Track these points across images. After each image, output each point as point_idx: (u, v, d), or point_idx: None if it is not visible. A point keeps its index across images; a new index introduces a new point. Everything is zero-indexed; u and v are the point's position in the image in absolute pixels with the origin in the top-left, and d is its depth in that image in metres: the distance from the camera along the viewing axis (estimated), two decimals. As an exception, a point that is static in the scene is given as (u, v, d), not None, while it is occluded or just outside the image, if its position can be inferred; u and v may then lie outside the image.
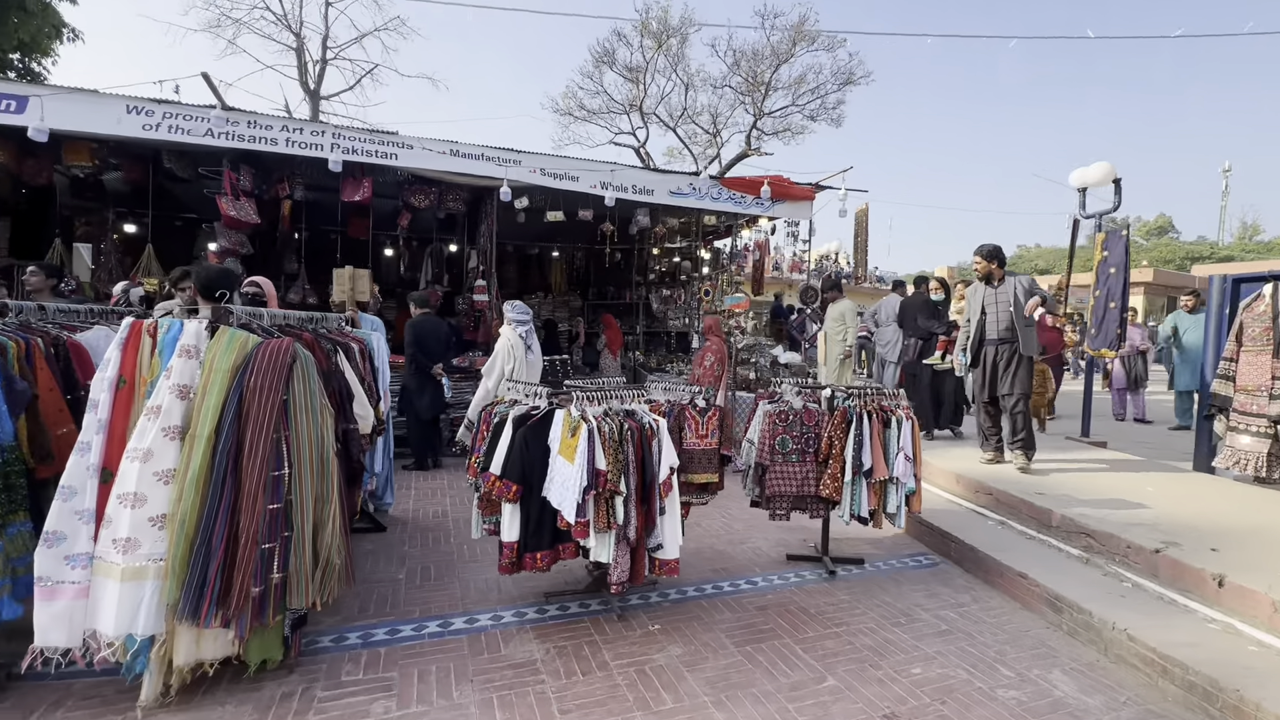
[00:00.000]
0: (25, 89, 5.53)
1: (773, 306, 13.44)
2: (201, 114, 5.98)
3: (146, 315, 3.39)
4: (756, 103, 14.43)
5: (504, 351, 5.39)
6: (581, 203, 7.78)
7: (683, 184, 8.04)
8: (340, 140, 6.47)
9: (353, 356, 3.16)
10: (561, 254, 12.35)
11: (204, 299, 3.07)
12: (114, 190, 8.06)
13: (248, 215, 6.22)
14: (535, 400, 2.98)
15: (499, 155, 7.10)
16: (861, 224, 9.13)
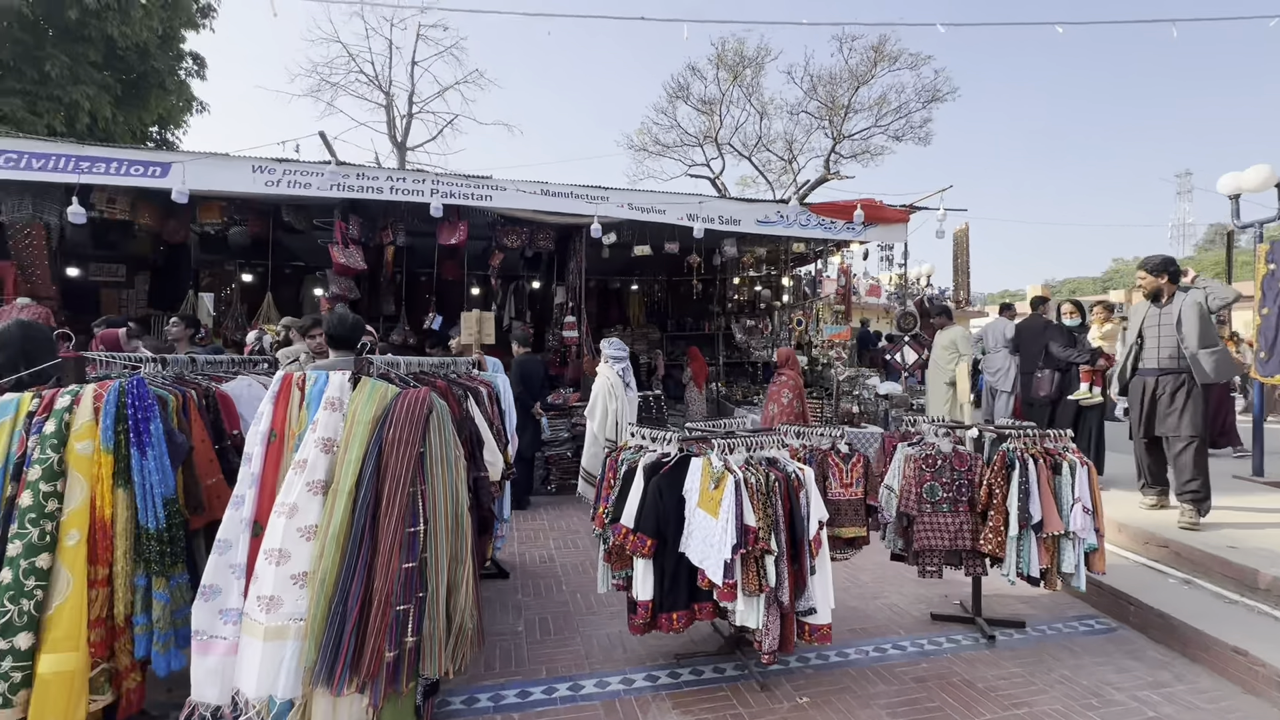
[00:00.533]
0: (168, 156, 6.08)
1: (858, 334, 12.88)
2: (317, 169, 6.38)
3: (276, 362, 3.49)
4: (835, 126, 14.13)
5: (604, 391, 5.32)
6: (668, 235, 7.72)
7: (770, 212, 7.85)
8: (440, 186, 6.72)
9: (481, 401, 3.11)
10: (640, 286, 12.35)
11: (334, 348, 3.12)
12: (236, 244, 8.74)
13: (356, 262, 6.53)
14: (664, 446, 2.81)
15: (588, 193, 7.17)
16: (961, 245, 8.59)
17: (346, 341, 3.09)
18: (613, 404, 5.27)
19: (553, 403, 6.38)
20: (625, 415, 5.26)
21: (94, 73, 9.56)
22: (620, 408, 5.29)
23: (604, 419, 5.27)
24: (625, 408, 5.33)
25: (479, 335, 4.27)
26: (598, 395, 5.27)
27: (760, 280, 12.49)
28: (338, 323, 3.03)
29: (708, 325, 12.44)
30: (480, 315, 4.16)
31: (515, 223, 7.28)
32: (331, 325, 3.05)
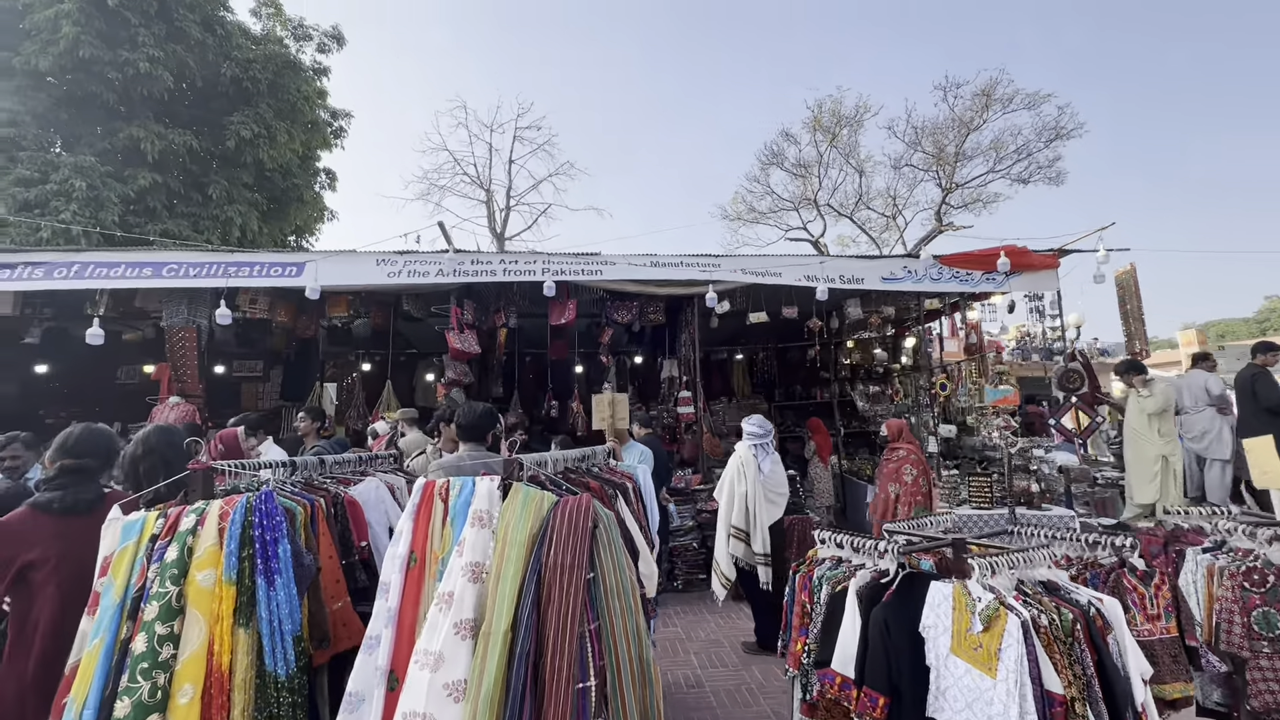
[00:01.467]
0: (301, 256, 6.41)
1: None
2: (434, 258, 6.50)
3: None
4: (945, 175, 13.37)
5: (734, 472, 4.72)
6: (784, 300, 7.22)
7: (896, 268, 7.18)
8: (550, 265, 6.66)
9: (629, 500, 2.64)
10: (745, 355, 11.79)
11: (466, 440, 2.80)
12: (359, 335, 9.17)
13: (470, 346, 6.49)
14: (875, 560, 2.17)
15: (699, 261, 6.87)
16: (1129, 289, 7.43)
17: (478, 432, 2.76)
18: (740, 486, 4.65)
19: (676, 487, 5.82)
20: (759, 501, 4.63)
21: (246, 192, 10.74)
22: (752, 492, 4.66)
23: (729, 504, 4.67)
24: (758, 492, 4.70)
25: (612, 420, 3.87)
26: (726, 477, 4.69)
27: (876, 342, 11.60)
28: (468, 412, 2.72)
29: (820, 393, 11.56)
30: (614, 398, 3.79)
31: (625, 297, 7.07)
32: (462, 415, 2.74)
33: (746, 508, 4.60)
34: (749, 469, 4.71)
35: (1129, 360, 5.56)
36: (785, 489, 4.71)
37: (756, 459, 4.71)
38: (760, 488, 4.68)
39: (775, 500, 4.67)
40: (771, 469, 4.72)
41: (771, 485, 4.71)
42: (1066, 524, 2.53)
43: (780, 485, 4.71)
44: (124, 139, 9.14)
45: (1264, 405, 5.47)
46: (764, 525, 4.58)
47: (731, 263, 6.92)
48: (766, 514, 4.59)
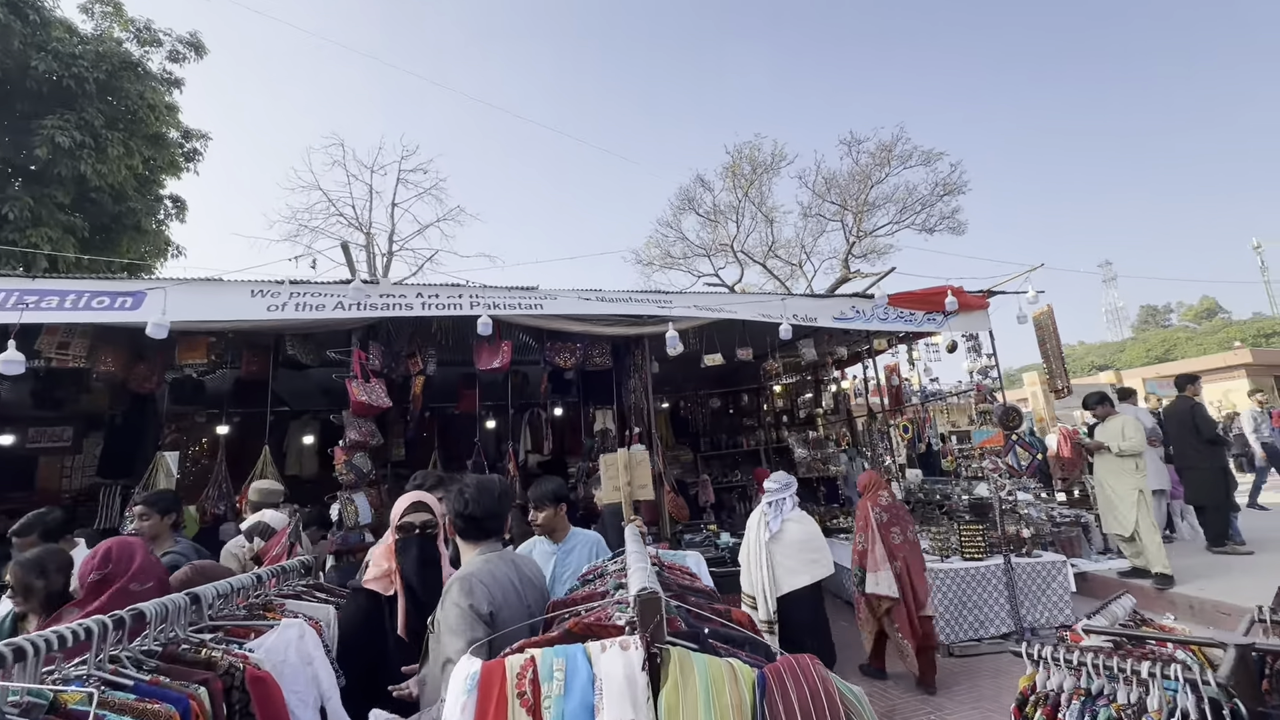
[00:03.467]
0: (139, 283, 4.84)
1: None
2: (334, 290, 5.22)
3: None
4: (854, 223, 14.02)
5: (749, 539, 4.14)
6: (739, 340, 6.68)
7: (846, 308, 6.93)
8: (481, 297, 5.61)
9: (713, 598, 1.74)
10: (669, 403, 11.15)
11: (473, 540, 1.79)
12: (211, 390, 7.34)
13: (378, 398, 5.18)
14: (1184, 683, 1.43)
15: (652, 297, 6.16)
16: (1048, 329, 7.77)
17: (493, 524, 1.77)
18: (745, 548, 4.20)
19: (645, 561, 4.86)
20: (760, 564, 4.05)
21: (60, 214, 8.53)
22: (755, 554, 4.10)
23: (746, 572, 4.18)
24: (761, 555, 4.07)
25: (630, 488, 2.85)
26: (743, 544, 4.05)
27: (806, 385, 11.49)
28: (478, 495, 1.73)
29: (746, 441, 11.17)
30: (631, 456, 2.80)
31: (566, 338, 6.14)
32: (467, 501, 1.74)
33: (757, 579, 4.03)
34: (751, 530, 4.16)
35: (1098, 393, 5.57)
36: (814, 550, 4.00)
37: (765, 517, 4.07)
38: (764, 550, 3.99)
39: (792, 561, 3.93)
40: (784, 527, 4.04)
41: (787, 545, 4.00)
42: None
43: (801, 546, 4.01)
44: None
45: (1205, 437, 5.66)
46: (767, 590, 3.97)
47: (685, 299, 6.29)
48: (773, 577, 3.97)
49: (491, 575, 1.80)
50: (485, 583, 1.77)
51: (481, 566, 1.83)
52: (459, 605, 1.70)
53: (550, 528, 2.54)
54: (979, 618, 4.94)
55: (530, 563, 2.01)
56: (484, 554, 1.88)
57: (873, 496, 4.42)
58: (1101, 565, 5.65)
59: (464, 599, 1.71)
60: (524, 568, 1.94)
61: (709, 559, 4.91)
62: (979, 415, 5.74)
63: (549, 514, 2.52)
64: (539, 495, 2.56)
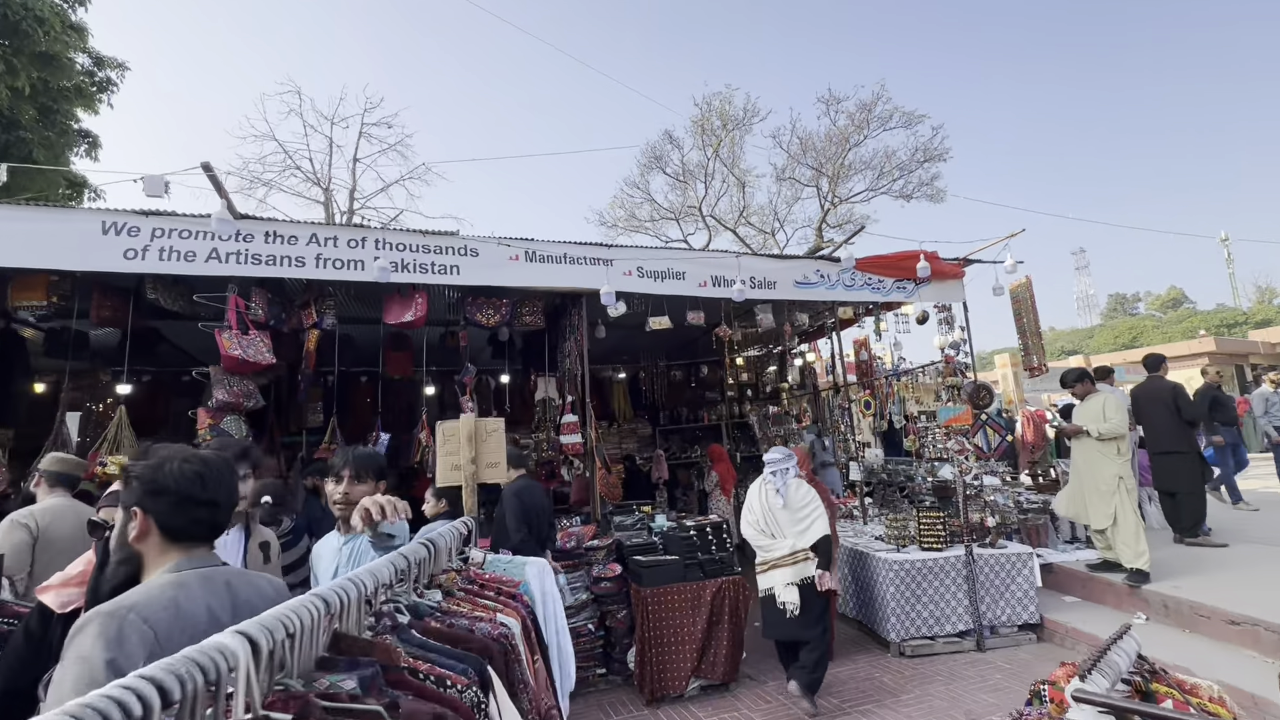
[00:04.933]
0: (-42, 208, 3.99)
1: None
2: (202, 225, 4.42)
3: None
4: (830, 188, 13.28)
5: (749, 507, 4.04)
6: (689, 304, 6.01)
7: (809, 271, 6.31)
8: (384, 250, 4.85)
9: (520, 669, 1.09)
10: (626, 374, 10.52)
11: (166, 548, 1.12)
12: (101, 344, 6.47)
13: (258, 353, 4.43)
14: None
15: (588, 253, 5.45)
16: (1025, 302, 7.26)
17: (203, 519, 1.13)
18: (751, 519, 4.03)
19: (563, 547, 4.24)
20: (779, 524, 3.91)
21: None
22: (770, 521, 3.93)
23: (758, 534, 3.98)
24: (775, 519, 3.93)
25: (476, 467, 2.14)
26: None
27: (764, 359, 10.93)
28: (179, 471, 1.08)
29: (707, 416, 10.62)
30: (479, 426, 2.11)
31: (491, 293, 5.42)
32: (154, 480, 1.08)
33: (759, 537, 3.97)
34: (754, 498, 4.05)
35: (1078, 369, 5.05)
36: (816, 513, 3.85)
37: (771, 485, 3.96)
38: (775, 515, 3.92)
39: (801, 525, 3.86)
40: (790, 494, 3.91)
41: (795, 511, 3.89)
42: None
43: (805, 511, 3.86)
44: None
45: (1186, 418, 5.20)
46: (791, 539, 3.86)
47: (628, 257, 5.59)
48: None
49: (171, 611, 1.13)
50: (152, 624, 1.10)
51: (157, 595, 1.16)
52: (88, 660, 1.04)
53: None
54: (935, 614, 4.46)
55: (267, 586, 1.33)
56: (176, 571, 1.21)
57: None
58: (1069, 556, 5.21)
59: (101, 650, 1.04)
60: (247, 594, 1.27)
61: (636, 544, 4.32)
62: (947, 390, 5.19)
63: (369, 490, 1.82)
64: (358, 464, 1.83)
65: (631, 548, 4.35)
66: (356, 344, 7.34)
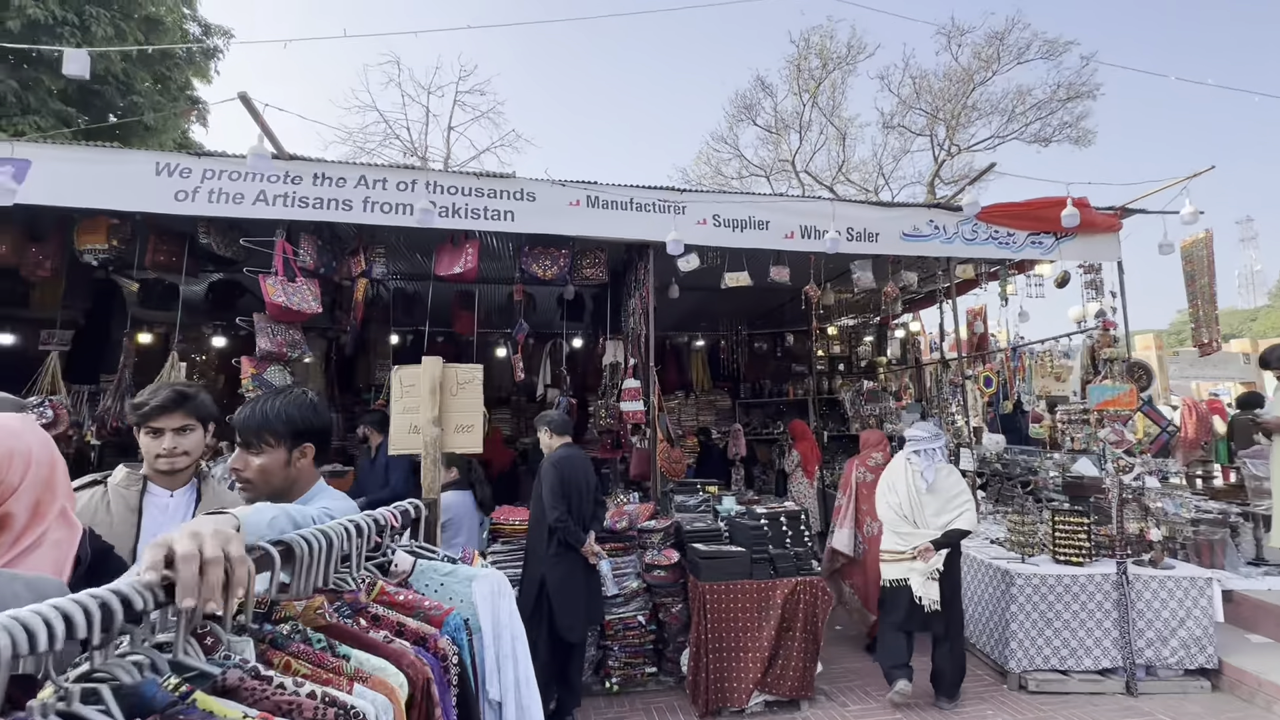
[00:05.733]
0: (20, 146, 3.98)
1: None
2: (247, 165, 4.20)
3: None
4: (943, 139, 11.62)
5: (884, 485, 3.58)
6: (772, 258, 5.23)
7: (921, 222, 5.32)
8: (436, 194, 4.47)
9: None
10: (705, 342, 9.82)
11: None
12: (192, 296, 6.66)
13: (304, 303, 4.19)
14: None
15: (656, 199, 4.82)
16: (1202, 262, 5.82)
17: None
18: (888, 501, 3.57)
19: (614, 528, 3.72)
20: (920, 510, 3.45)
21: (50, 101, 7.95)
22: (912, 506, 3.48)
23: (900, 519, 3.50)
24: (919, 504, 3.46)
25: (441, 430, 1.66)
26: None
27: (860, 329, 9.83)
28: None
29: (792, 390, 9.76)
30: (449, 374, 1.65)
31: (549, 242, 4.92)
32: None
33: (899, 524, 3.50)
34: (900, 479, 3.56)
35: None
36: (964, 501, 3.44)
37: (915, 467, 3.49)
38: (919, 499, 3.47)
39: (948, 516, 3.43)
40: (936, 478, 3.46)
41: (940, 496, 3.47)
42: None
43: (952, 498, 3.45)
44: None
45: None
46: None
47: (703, 201, 4.89)
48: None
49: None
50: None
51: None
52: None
53: (266, 481, 1.31)
54: (1070, 643, 3.56)
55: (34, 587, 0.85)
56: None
57: (863, 457, 4.45)
58: (1257, 584, 4.05)
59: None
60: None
61: (697, 530, 3.73)
62: (1103, 365, 4.13)
63: (272, 460, 1.31)
64: (249, 427, 1.31)
65: (692, 533, 3.76)
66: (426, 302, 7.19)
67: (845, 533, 4.27)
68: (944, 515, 3.39)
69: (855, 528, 4.31)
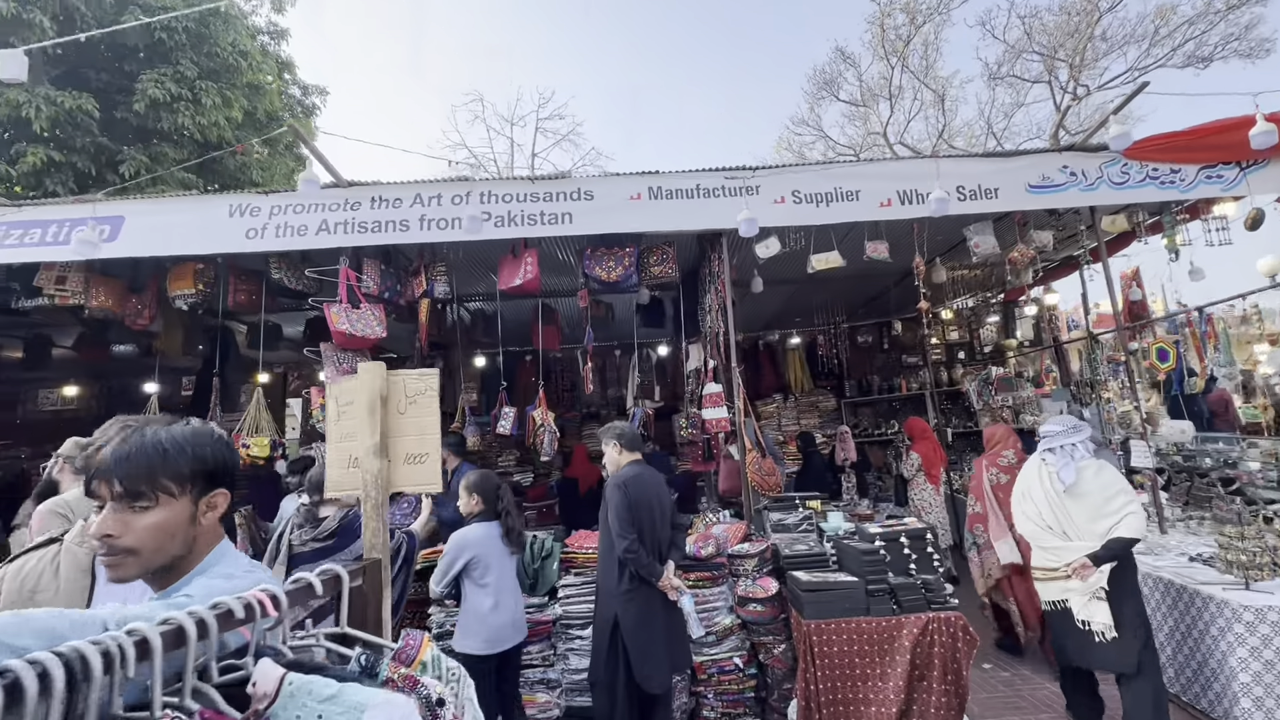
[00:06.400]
0: (113, 205, 4.23)
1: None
2: (312, 199, 4.22)
3: None
4: (1066, 81, 10.00)
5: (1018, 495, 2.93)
6: (868, 231, 4.54)
7: (1051, 169, 4.40)
8: (491, 203, 4.26)
9: None
10: (802, 339, 9.07)
11: None
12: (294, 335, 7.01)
13: (368, 329, 4.11)
14: None
15: (725, 183, 4.32)
16: None
17: None
18: (1027, 506, 2.99)
19: (698, 555, 3.23)
20: (1061, 521, 2.85)
21: (177, 172, 8.81)
22: (1051, 514, 2.88)
23: (1042, 530, 2.89)
24: (1060, 512, 2.86)
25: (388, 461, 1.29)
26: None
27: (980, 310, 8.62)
28: None
29: (905, 384, 8.74)
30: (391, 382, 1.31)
31: (613, 241, 4.56)
32: None
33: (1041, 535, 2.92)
34: (1034, 485, 2.98)
35: None
36: (1125, 503, 2.76)
37: (1051, 468, 2.95)
38: (1060, 504, 2.86)
39: (1101, 523, 2.77)
40: (1080, 476, 2.86)
41: (1088, 498, 2.84)
42: None
43: (1106, 500, 2.80)
44: (2, 104, 7.33)
45: None
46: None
47: (779, 177, 4.32)
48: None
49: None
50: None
51: None
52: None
53: (159, 548, 0.94)
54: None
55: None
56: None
57: (992, 456, 3.98)
58: None
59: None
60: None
61: (798, 555, 3.16)
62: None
63: (170, 516, 0.94)
64: (152, 465, 0.95)
65: (792, 559, 3.19)
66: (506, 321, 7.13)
67: (1007, 543, 3.67)
68: (1102, 521, 2.77)
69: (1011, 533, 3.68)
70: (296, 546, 2.66)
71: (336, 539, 2.63)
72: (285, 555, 2.68)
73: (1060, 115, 10.23)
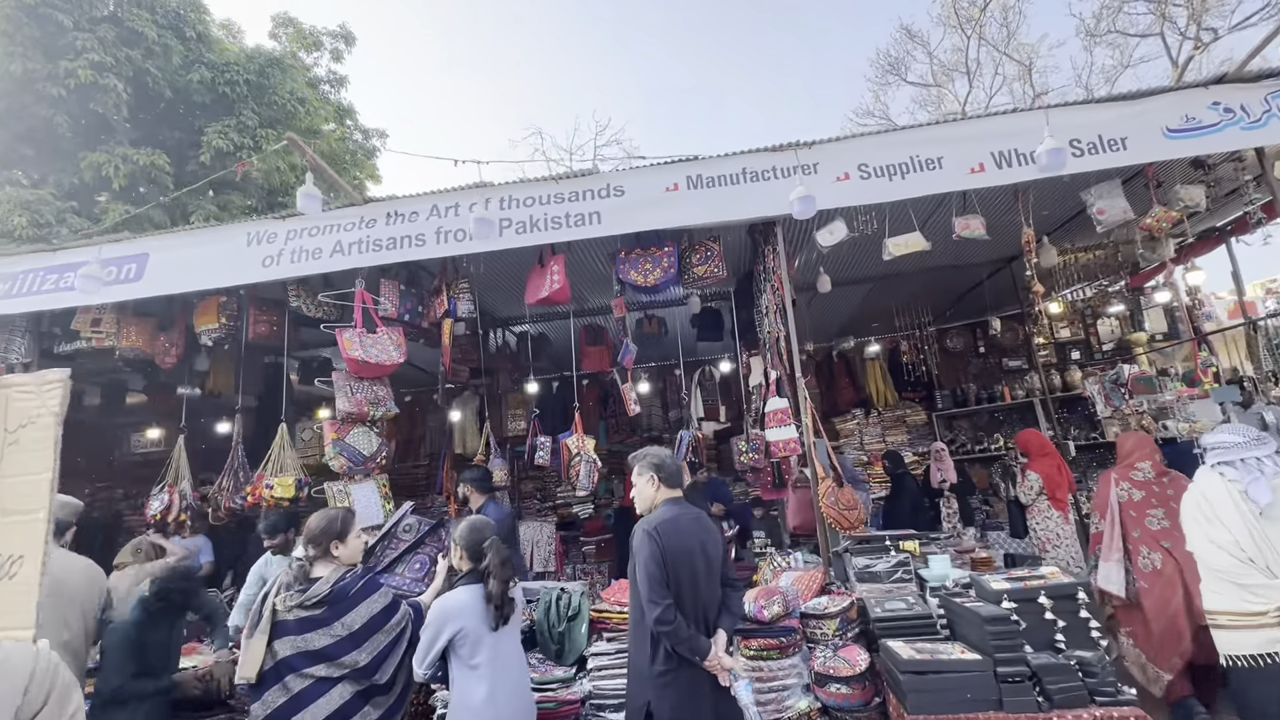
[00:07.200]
0: (134, 244, 4.12)
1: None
2: (327, 221, 3.95)
3: None
4: (1185, 27, 8.55)
5: (1196, 514, 1.98)
6: (956, 206, 3.74)
7: (1197, 107, 3.46)
8: (510, 208, 3.82)
9: None
10: (882, 345, 8.12)
11: None
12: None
13: (385, 354, 3.73)
14: None
15: (776, 163, 3.67)
16: None
17: None
18: (1219, 533, 2.25)
19: (759, 617, 2.54)
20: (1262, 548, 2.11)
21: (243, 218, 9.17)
22: (1246, 539, 2.19)
23: (1227, 563, 2.21)
24: (1256, 535, 2.16)
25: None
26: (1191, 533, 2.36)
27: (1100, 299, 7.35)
28: None
29: (1008, 391, 7.57)
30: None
31: (649, 241, 4.00)
32: None
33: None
34: (1225, 506, 2.27)
35: None
36: None
37: (1236, 486, 2.26)
38: (1255, 527, 2.20)
39: None
40: (1277, 495, 2.20)
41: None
42: None
43: None
44: (86, 166, 7.81)
45: None
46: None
47: (840, 150, 3.64)
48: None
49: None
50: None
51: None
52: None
53: None
54: None
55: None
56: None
57: (1123, 469, 3.40)
58: None
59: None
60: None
61: (892, 618, 2.42)
62: None
63: None
64: None
65: (885, 623, 2.43)
66: (556, 344, 6.72)
67: (1114, 568, 3.20)
68: None
69: (1127, 559, 3.17)
70: (281, 612, 2.22)
71: (327, 609, 2.18)
72: (268, 622, 2.24)
73: (1179, 70, 8.68)
